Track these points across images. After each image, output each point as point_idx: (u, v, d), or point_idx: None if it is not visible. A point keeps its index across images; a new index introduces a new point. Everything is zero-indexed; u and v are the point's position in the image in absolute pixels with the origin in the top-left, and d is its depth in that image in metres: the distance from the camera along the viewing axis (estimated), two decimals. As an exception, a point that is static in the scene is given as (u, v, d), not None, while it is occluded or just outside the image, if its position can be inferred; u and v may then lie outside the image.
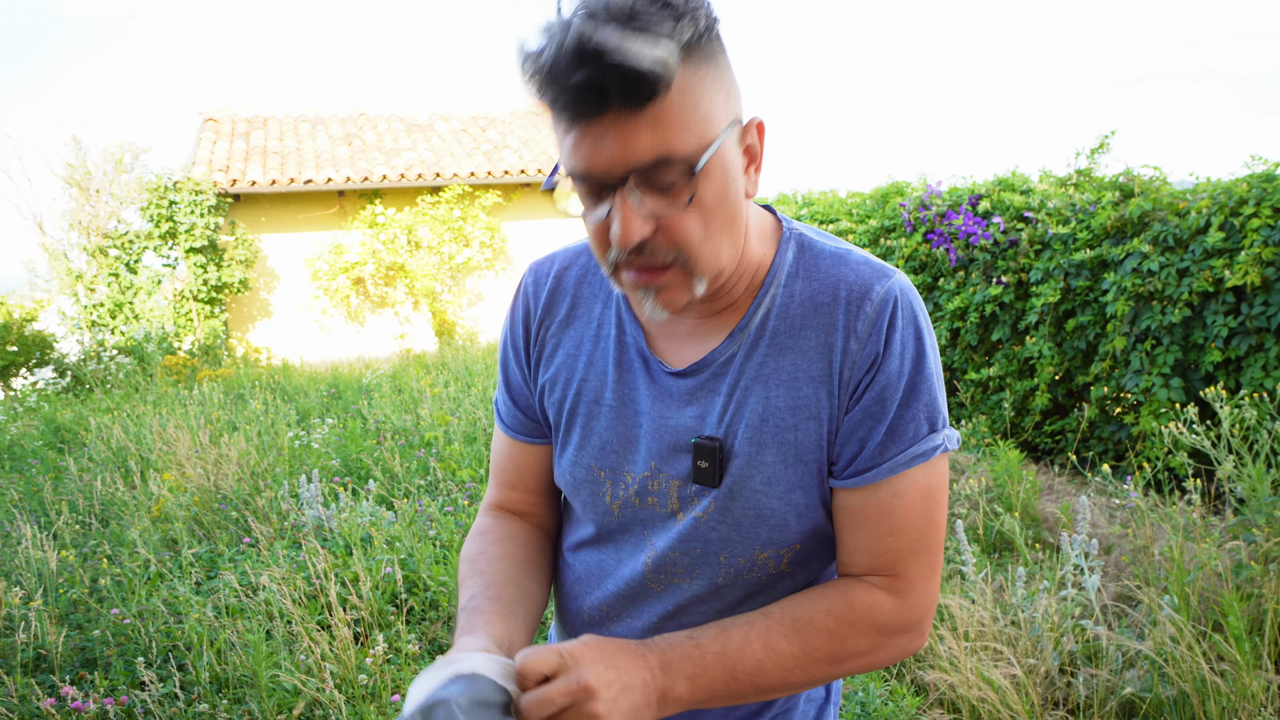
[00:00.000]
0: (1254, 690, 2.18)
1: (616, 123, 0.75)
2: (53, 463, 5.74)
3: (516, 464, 1.07)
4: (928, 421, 0.87)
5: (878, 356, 0.86)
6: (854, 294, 0.88)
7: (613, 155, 0.76)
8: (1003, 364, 5.53)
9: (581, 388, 0.98)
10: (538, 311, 1.02)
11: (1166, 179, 4.96)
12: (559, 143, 0.80)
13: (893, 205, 6.73)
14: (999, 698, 2.31)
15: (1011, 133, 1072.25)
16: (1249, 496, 3.00)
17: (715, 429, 0.91)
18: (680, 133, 0.76)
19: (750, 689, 0.85)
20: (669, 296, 0.83)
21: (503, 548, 1.02)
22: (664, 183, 0.78)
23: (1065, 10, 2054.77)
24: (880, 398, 0.86)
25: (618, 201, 0.78)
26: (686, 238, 0.80)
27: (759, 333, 0.90)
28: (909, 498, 0.87)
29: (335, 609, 2.79)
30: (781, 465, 0.89)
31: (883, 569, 0.89)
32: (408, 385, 7.46)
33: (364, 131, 13.17)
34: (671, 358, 0.94)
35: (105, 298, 11.11)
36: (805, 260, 0.92)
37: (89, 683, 2.76)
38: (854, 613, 0.87)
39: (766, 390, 0.89)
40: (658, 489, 0.94)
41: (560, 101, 0.75)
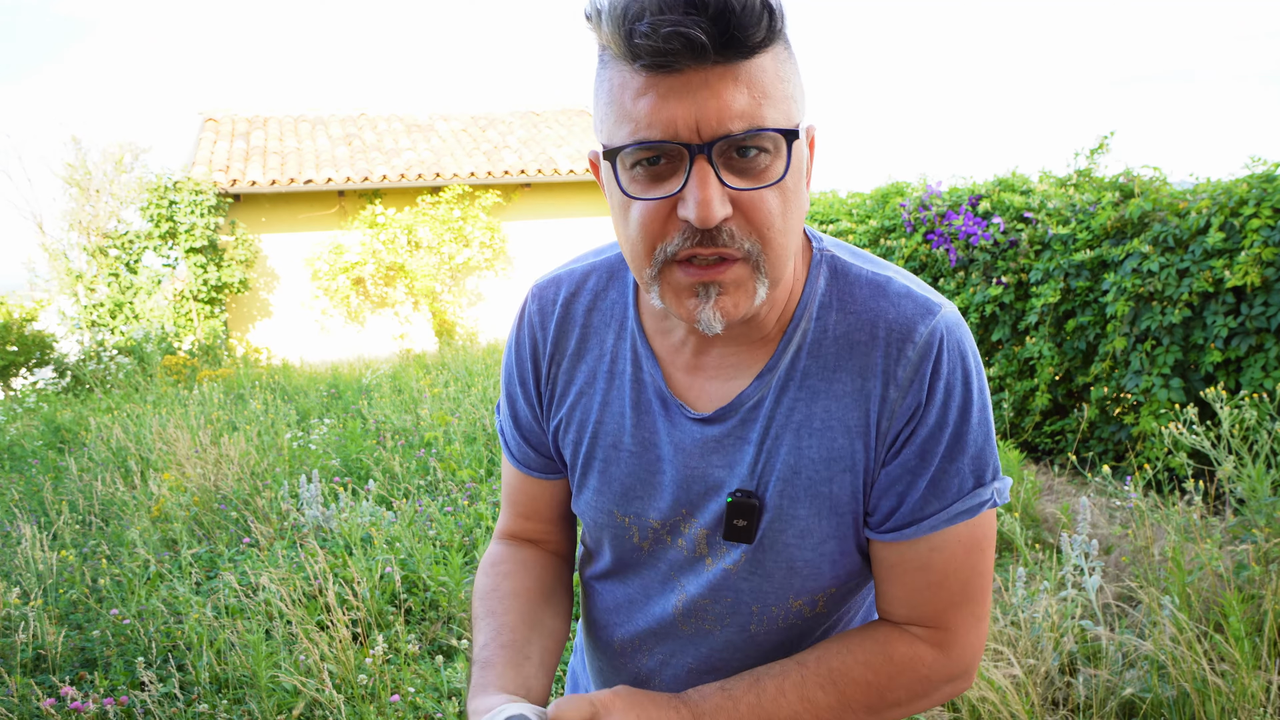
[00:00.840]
0: (1254, 690, 2.18)
1: (710, 78, 0.66)
2: (53, 463, 5.74)
3: (530, 496, 1.02)
4: (974, 475, 0.80)
5: (919, 407, 0.79)
6: (894, 334, 0.79)
7: (702, 110, 0.66)
8: (1003, 364, 5.53)
9: (598, 430, 0.91)
10: (547, 345, 0.93)
11: (1166, 179, 4.96)
12: (619, 108, 0.70)
13: (893, 205, 6.73)
14: (999, 698, 2.31)
15: (1011, 133, 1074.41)
16: (1249, 497, 3.00)
17: (747, 481, 0.83)
18: (777, 103, 0.69)
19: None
20: (731, 300, 0.73)
21: (516, 581, 0.97)
22: (752, 154, 0.69)
23: (1065, 10, 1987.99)
24: (922, 451, 0.79)
25: (695, 172, 0.68)
26: (768, 222, 0.71)
27: (789, 373, 0.82)
28: (949, 551, 0.81)
29: (334, 609, 2.79)
30: (815, 518, 0.83)
31: (923, 620, 0.84)
32: (408, 385, 7.46)
33: (364, 131, 13.17)
34: (694, 399, 0.86)
35: (105, 298, 11.11)
36: (839, 288, 0.83)
37: (89, 683, 2.76)
38: (894, 665, 0.82)
39: (798, 440, 0.82)
40: (687, 532, 0.88)
41: (651, 49, 0.65)
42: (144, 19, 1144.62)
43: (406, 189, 11.98)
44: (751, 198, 0.70)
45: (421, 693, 2.62)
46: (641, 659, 0.99)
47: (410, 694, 2.58)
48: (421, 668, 2.79)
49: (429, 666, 2.80)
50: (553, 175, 12.13)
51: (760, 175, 0.70)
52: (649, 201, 0.71)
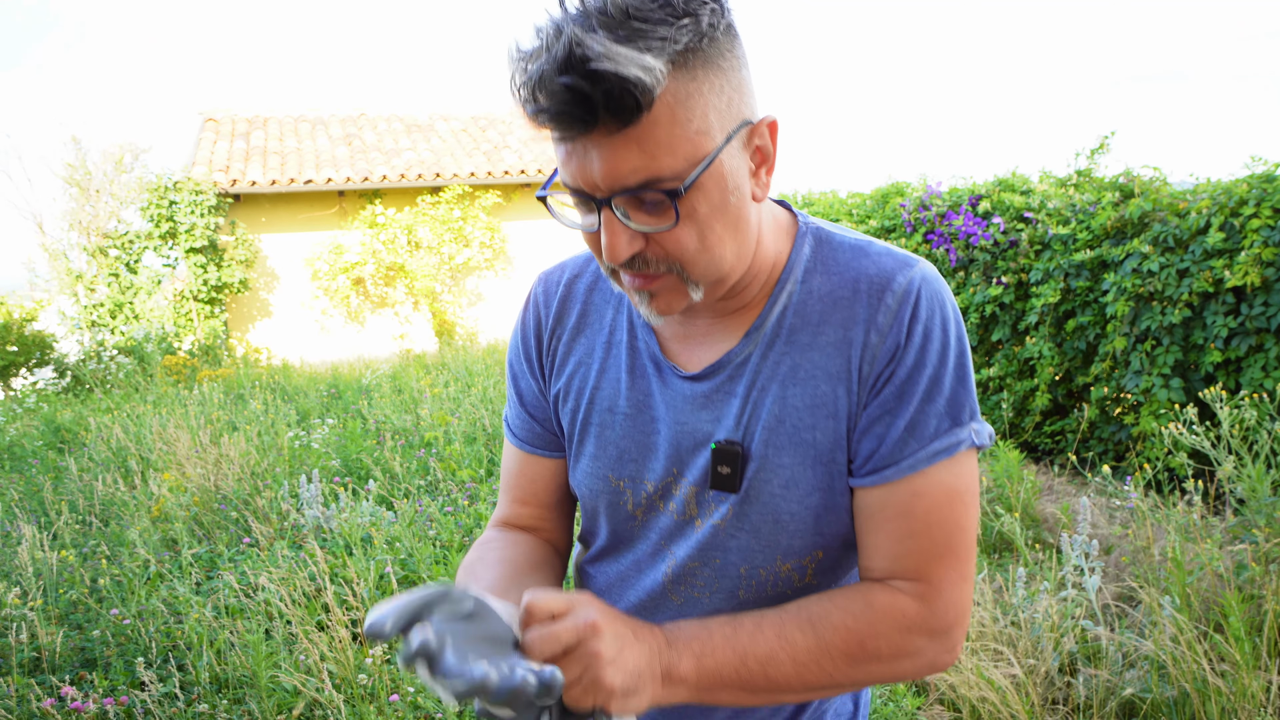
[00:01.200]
0: (1254, 691, 2.18)
1: (603, 140, 0.72)
2: (53, 463, 5.74)
3: (529, 478, 1.04)
4: (950, 416, 0.82)
5: (899, 348, 0.82)
6: (874, 285, 0.84)
7: (599, 173, 0.74)
8: (1003, 364, 5.53)
9: (594, 396, 0.96)
10: (549, 321, 0.99)
11: (1166, 179, 4.96)
12: (554, 147, 0.79)
13: (893, 205, 6.73)
14: (999, 698, 2.31)
15: (1011, 133, 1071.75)
16: (1249, 497, 3.00)
17: (733, 432, 0.87)
18: (668, 154, 0.73)
19: (762, 680, 0.80)
20: (664, 302, 0.82)
21: (505, 553, 0.97)
22: (651, 202, 0.75)
23: (1066, 10, 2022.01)
24: (900, 391, 0.82)
25: (603, 219, 0.76)
26: (679, 251, 0.78)
27: (775, 331, 0.87)
28: (931, 498, 0.82)
29: (334, 609, 2.78)
30: (800, 467, 0.86)
31: (905, 573, 0.84)
32: (408, 385, 7.46)
33: (364, 131, 13.18)
34: (685, 360, 0.91)
35: (105, 298, 11.11)
36: (823, 254, 0.88)
37: (88, 683, 2.76)
38: (874, 612, 0.82)
39: (783, 390, 0.86)
40: (677, 494, 0.91)
41: (548, 114, 0.72)
42: (145, 19, 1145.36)
43: (406, 189, 11.98)
44: (659, 236, 0.77)
45: (421, 693, 2.62)
46: None
47: (410, 694, 2.58)
48: (421, 668, 2.78)
49: (429, 666, 2.79)
50: (553, 175, 12.12)
51: (664, 214, 0.76)
52: (584, 228, 0.80)
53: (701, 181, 0.76)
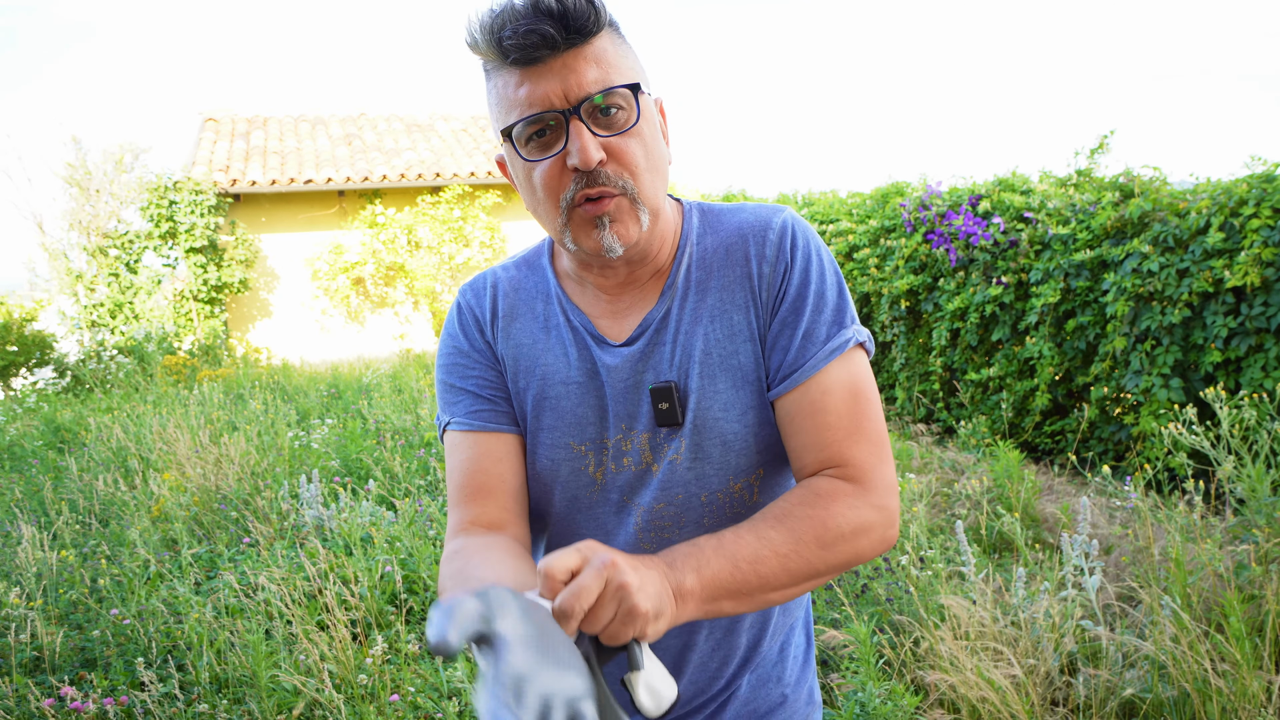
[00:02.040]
0: (1255, 691, 2.18)
1: (565, 59, 0.88)
2: (53, 463, 5.74)
3: (495, 460, 1.03)
4: (836, 322, 0.98)
5: (786, 270, 0.99)
6: (756, 229, 1.02)
7: (566, 85, 0.88)
8: (1003, 364, 5.53)
9: (545, 373, 1.04)
10: (485, 315, 1.08)
11: (1166, 179, 4.96)
12: (506, 101, 0.91)
13: (893, 205, 6.73)
14: (999, 698, 2.31)
15: (1011, 133, 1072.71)
16: (1249, 497, 3.00)
17: (667, 374, 1.00)
18: (617, 73, 0.90)
19: (754, 579, 0.86)
20: (622, 226, 0.93)
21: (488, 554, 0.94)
22: (612, 110, 0.90)
23: (1066, 10, 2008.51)
24: (794, 307, 0.98)
25: (572, 129, 0.89)
26: (633, 161, 0.91)
27: (685, 285, 1.02)
28: (836, 394, 0.96)
29: (334, 609, 2.79)
30: (733, 390, 0.99)
31: (829, 461, 0.95)
32: (408, 385, 7.46)
33: (364, 131, 13.17)
34: (615, 333, 1.03)
35: (105, 298, 11.10)
36: (709, 220, 1.05)
37: (88, 683, 2.76)
38: (820, 497, 0.92)
39: (703, 328, 1.00)
40: (630, 448, 1.01)
41: (521, 35, 0.86)
42: (145, 20, 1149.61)
43: (406, 189, 11.98)
44: (618, 144, 0.91)
45: (421, 693, 2.62)
46: None
47: (410, 694, 2.58)
48: (421, 668, 2.79)
49: (429, 666, 2.80)
50: (553, 175, 12.12)
51: (621, 124, 0.91)
52: (545, 162, 0.92)
53: (644, 106, 0.93)
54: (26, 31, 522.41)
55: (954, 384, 6.06)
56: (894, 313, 6.44)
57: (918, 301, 6.34)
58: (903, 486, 3.79)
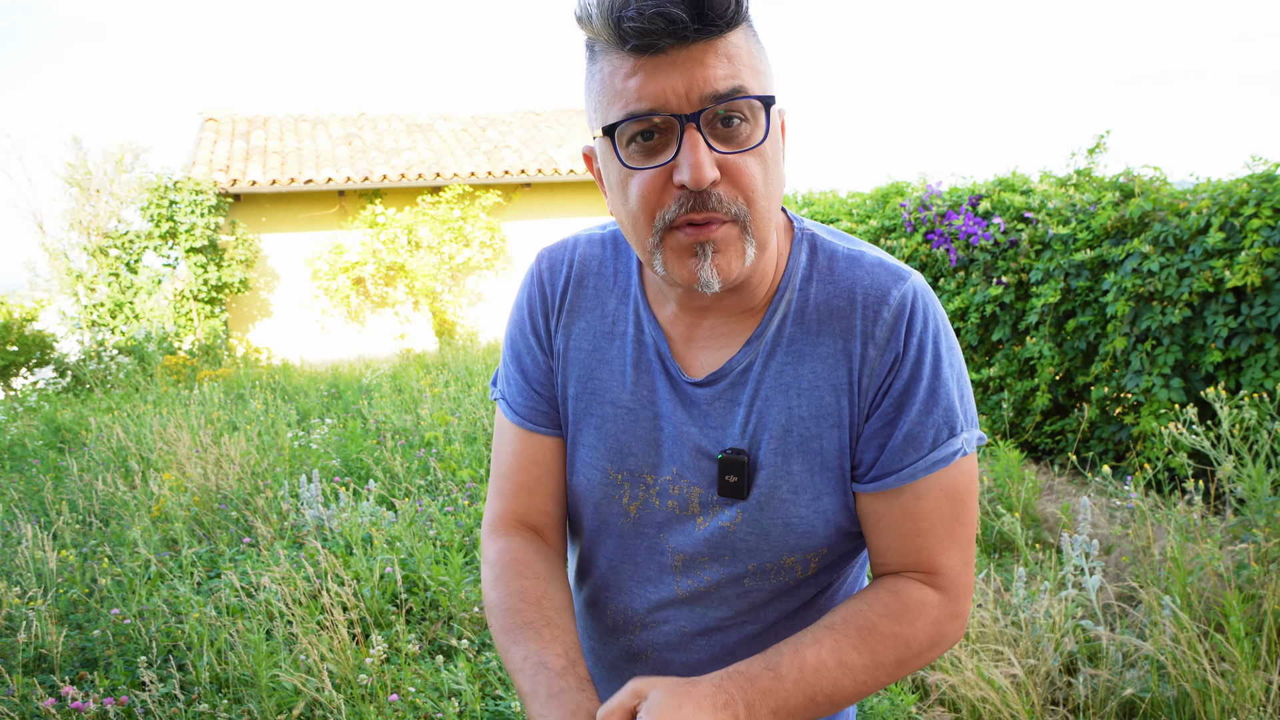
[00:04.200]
0: (1255, 691, 2.18)
1: (693, 51, 0.74)
2: (53, 462, 5.74)
3: (534, 461, 0.98)
4: (947, 426, 0.86)
5: (896, 361, 0.85)
6: (870, 299, 0.86)
7: (690, 81, 0.74)
8: (1003, 364, 5.53)
9: (596, 387, 0.95)
10: (554, 298, 0.98)
11: (1167, 179, 4.95)
12: (612, 91, 0.78)
13: (893, 205, 6.73)
14: (999, 698, 2.31)
15: (1011, 133, 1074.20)
16: (1249, 497, 3.00)
17: (739, 440, 0.89)
18: (751, 73, 0.77)
19: (827, 707, 0.83)
20: (725, 259, 0.80)
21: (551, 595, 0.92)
22: (735, 120, 0.77)
23: (1066, 10, 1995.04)
24: (898, 403, 0.86)
25: (687, 139, 0.76)
26: (752, 185, 0.78)
27: (775, 339, 0.89)
28: (933, 499, 0.87)
29: (334, 609, 2.79)
30: (808, 474, 0.88)
31: (917, 566, 0.88)
32: (408, 385, 7.46)
33: (364, 131, 13.17)
34: (689, 364, 0.92)
35: (105, 297, 11.10)
36: (819, 263, 0.90)
37: (89, 683, 2.76)
38: (911, 613, 0.86)
39: (788, 400, 0.88)
40: (679, 494, 0.92)
41: (639, 31, 0.73)
42: (145, 19, 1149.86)
43: (407, 189, 11.98)
44: (736, 163, 0.78)
45: (421, 693, 2.62)
46: (634, 632, 0.99)
47: (410, 694, 2.58)
48: (421, 668, 2.79)
49: (429, 666, 2.80)
50: (553, 175, 12.12)
51: (743, 141, 0.78)
52: (647, 171, 0.78)
53: (774, 116, 0.80)
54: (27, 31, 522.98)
55: (954, 384, 6.05)
56: (894, 313, 6.44)
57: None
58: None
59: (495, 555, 0.95)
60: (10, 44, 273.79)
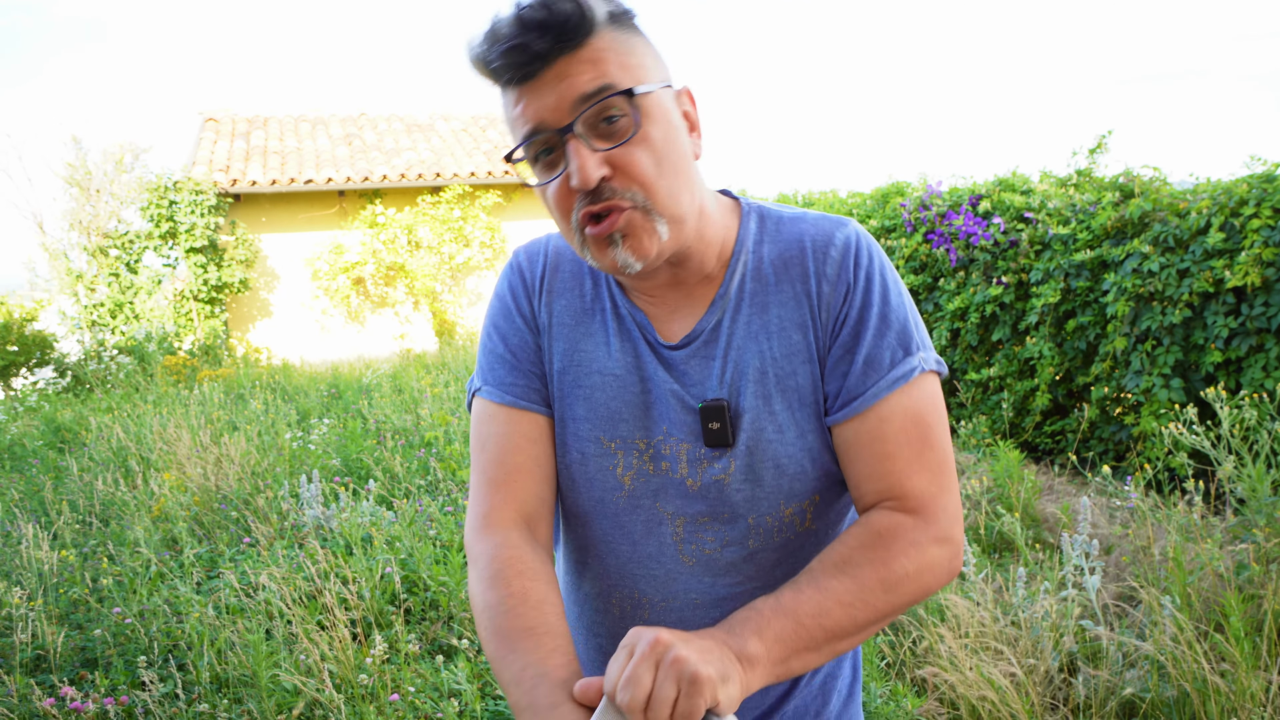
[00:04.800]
0: (1254, 690, 2.18)
1: (557, 67, 0.83)
2: (53, 462, 5.74)
3: (531, 440, 0.97)
4: (901, 347, 0.92)
5: (848, 292, 0.93)
6: (818, 244, 0.95)
7: (559, 95, 0.83)
8: (1003, 364, 5.53)
9: (584, 359, 0.99)
10: (536, 283, 1.03)
11: (1167, 179, 4.96)
12: (511, 121, 0.87)
13: (893, 205, 6.73)
14: (999, 697, 2.31)
15: (1011, 133, 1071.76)
16: (1249, 497, 3.00)
17: (717, 390, 0.94)
18: (617, 69, 0.84)
19: (820, 633, 0.82)
20: (635, 241, 0.86)
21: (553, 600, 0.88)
22: (610, 117, 0.84)
23: (1065, 9, 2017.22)
24: (855, 331, 0.92)
25: (569, 148, 0.83)
26: (641, 172, 0.85)
27: (739, 295, 0.96)
28: (897, 421, 0.91)
29: (334, 609, 2.79)
30: (788, 411, 0.94)
31: (887, 493, 0.90)
32: (408, 385, 7.46)
33: (364, 131, 13.17)
34: (665, 332, 0.98)
35: (105, 297, 11.11)
36: (768, 227, 0.99)
37: (89, 683, 2.76)
38: (881, 537, 0.87)
39: (759, 345, 0.94)
40: (669, 454, 0.96)
41: (506, 53, 0.82)
42: (145, 19, 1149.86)
43: (407, 189, 11.98)
44: (622, 156, 0.84)
45: (421, 693, 2.62)
46: (643, 614, 0.99)
47: (410, 694, 2.58)
48: (421, 668, 2.79)
49: (429, 666, 2.80)
50: (553, 175, 12.12)
51: (623, 134, 0.84)
52: (551, 183, 0.87)
53: (650, 106, 0.86)
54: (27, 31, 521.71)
55: (954, 384, 6.06)
56: (894, 313, 6.44)
57: (918, 301, 6.34)
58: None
59: (489, 553, 0.91)
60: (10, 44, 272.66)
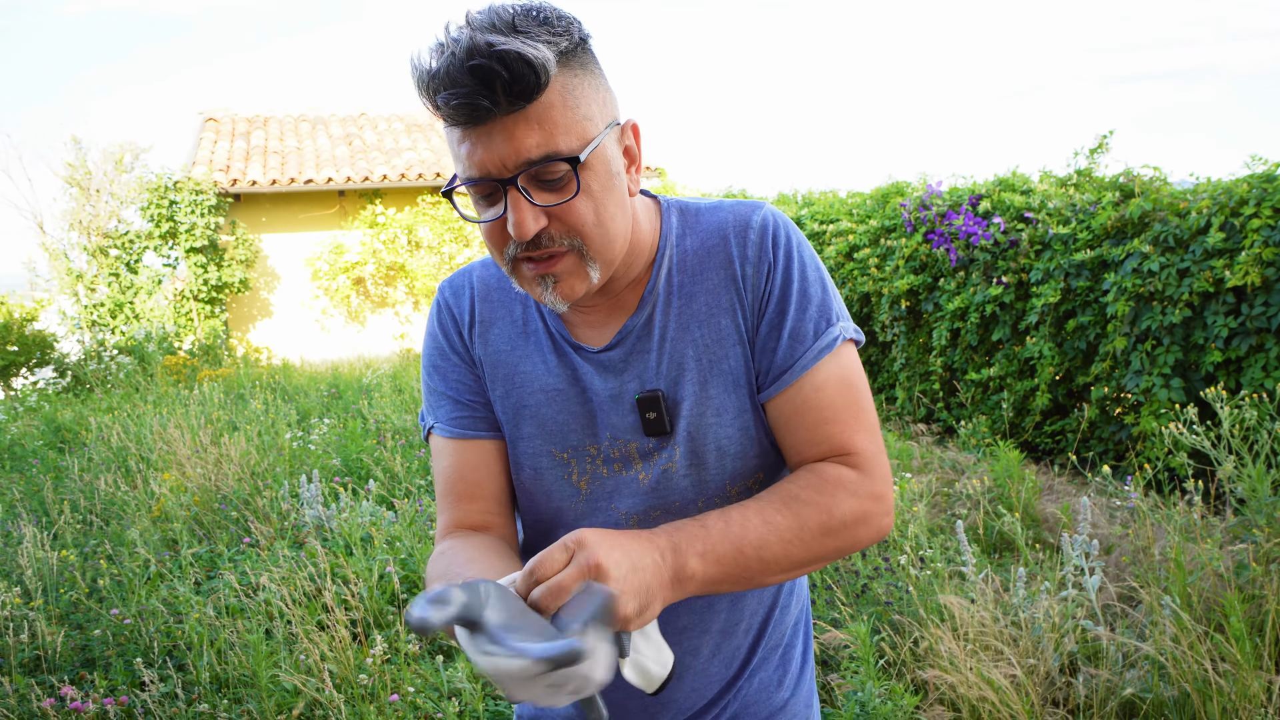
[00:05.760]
0: (1255, 691, 2.18)
1: (505, 124, 0.82)
2: (53, 462, 5.74)
3: (472, 468, 1.04)
4: (823, 319, 0.97)
5: (769, 270, 0.97)
6: (738, 228, 0.99)
7: (504, 153, 0.83)
8: (1003, 364, 5.53)
9: (524, 380, 1.02)
10: (463, 316, 1.06)
11: (1167, 179, 4.95)
12: (454, 153, 0.87)
13: (893, 205, 6.73)
14: (999, 698, 2.31)
15: (1011, 132, 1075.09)
16: (1249, 497, 3.00)
17: (653, 382, 0.98)
18: (563, 133, 0.84)
19: (756, 564, 0.87)
20: (567, 285, 0.89)
21: (473, 551, 0.95)
22: (552, 177, 0.85)
23: (1065, 9, 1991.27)
24: (779, 307, 0.97)
25: (510, 199, 0.85)
26: (580, 223, 0.87)
27: (667, 290, 0.99)
28: (831, 388, 0.96)
29: (334, 609, 2.79)
30: (724, 394, 0.97)
31: (833, 451, 0.95)
32: (408, 385, 7.46)
33: (364, 131, 13.17)
34: (594, 339, 1.01)
35: (105, 297, 11.10)
36: (688, 220, 1.02)
37: (89, 683, 2.76)
38: (828, 483, 0.92)
39: (691, 333, 0.98)
40: (619, 455, 1.00)
41: (454, 107, 0.81)
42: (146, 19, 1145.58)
43: (407, 189, 11.98)
44: (562, 209, 0.86)
45: (421, 693, 2.62)
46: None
47: (410, 694, 2.58)
48: (421, 668, 2.79)
49: (429, 666, 2.80)
50: (553, 175, 12.13)
51: (564, 191, 0.86)
52: (489, 220, 0.88)
53: (592, 161, 0.87)
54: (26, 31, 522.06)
55: (954, 384, 6.05)
56: (894, 313, 6.44)
57: (918, 301, 6.34)
58: (903, 486, 3.79)
59: (432, 558, 0.99)
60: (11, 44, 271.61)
